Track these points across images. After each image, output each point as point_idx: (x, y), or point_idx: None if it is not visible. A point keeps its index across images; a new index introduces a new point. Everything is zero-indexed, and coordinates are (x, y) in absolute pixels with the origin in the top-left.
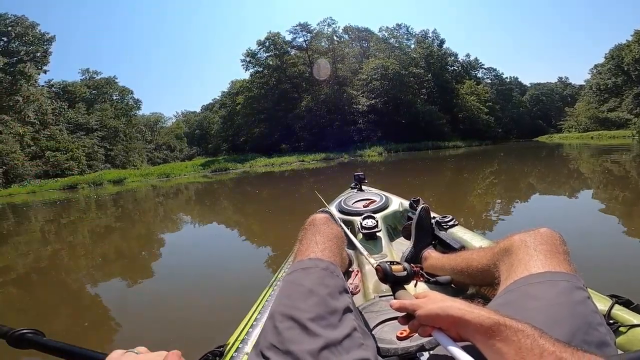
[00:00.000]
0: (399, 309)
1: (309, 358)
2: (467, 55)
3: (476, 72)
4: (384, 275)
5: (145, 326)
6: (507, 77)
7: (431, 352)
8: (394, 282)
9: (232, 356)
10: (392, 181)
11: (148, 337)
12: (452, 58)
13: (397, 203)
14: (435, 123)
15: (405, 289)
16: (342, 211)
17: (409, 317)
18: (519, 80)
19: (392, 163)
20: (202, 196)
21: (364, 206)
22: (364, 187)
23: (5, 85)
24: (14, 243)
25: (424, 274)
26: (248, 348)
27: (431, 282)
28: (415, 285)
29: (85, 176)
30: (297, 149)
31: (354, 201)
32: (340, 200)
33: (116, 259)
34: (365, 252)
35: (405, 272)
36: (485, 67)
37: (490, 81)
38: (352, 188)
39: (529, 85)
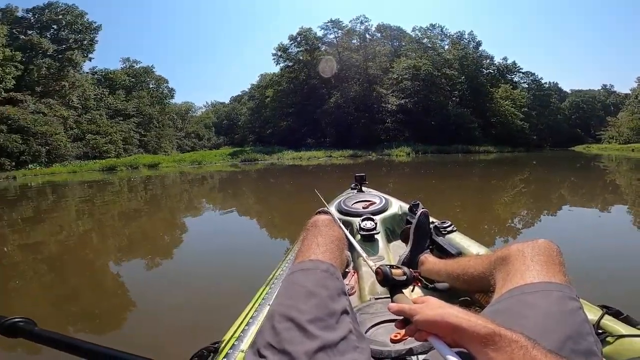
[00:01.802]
0: (396, 313)
1: (305, 358)
2: (504, 59)
3: (513, 76)
4: (384, 278)
5: (152, 312)
6: (546, 83)
7: (424, 356)
8: (393, 285)
9: (227, 353)
10: (417, 183)
11: (154, 323)
12: (488, 61)
13: (397, 206)
14: (467, 127)
15: (403, 292)
16: (341, 211)
17: (406, 321)
18: (559, 86)
19: (420, 164)
20: (238, 184)
21: (364, 207)
22: (364, 189)
23: (53, 71)
24: (50, 220)
25: (422, 279)
26: (244, 345)
27: (429, 289)
28: (412, 290)
29: (122, 159)
30: (323, 144)
31: (353, 202)
32: (340, 201)
33: (142, 240)
34: (364, 254)
35: (405, 277)
36: (523, 71)
37: (527, 86)
38: (352, 188)
39: (569, 91)
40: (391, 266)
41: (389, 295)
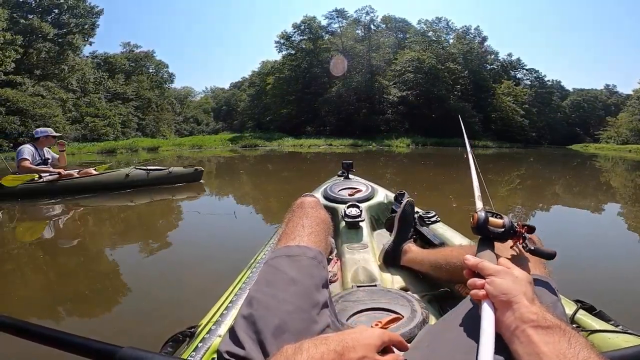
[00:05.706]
0: (472, 266)
1: None
2: (509, 55)
3: (516, 72)
4: (477, 225)
5: (128, 294)
6: (549, 80)
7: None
8: (485, 236)
9: (203, 338)
10: (415, 175)
11: (129, 305)
12: (493, 56)
13: (383, 195)
14: (467, 121)
15: (492, 250)
16: (327, 197)
17: (478, 275)
18: (562, 84)
19: (419, 156)
20: (242, 168)
21: (350, 195)
22: (350, 176)
23: (52, 55)
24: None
25: (525, 236)
26: (221, 330)
27: (527, 250)
28: (511, 247)
29: (122, 142)
30: (322, 132)
31: (340, 189)
32: (327, 187)
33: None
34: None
35: (503, 229)
36: (527, 67)
37: (529, 83)
38: (339, 175)
39: (571, 90)
40: (492, 213)
41: (371, 284)
